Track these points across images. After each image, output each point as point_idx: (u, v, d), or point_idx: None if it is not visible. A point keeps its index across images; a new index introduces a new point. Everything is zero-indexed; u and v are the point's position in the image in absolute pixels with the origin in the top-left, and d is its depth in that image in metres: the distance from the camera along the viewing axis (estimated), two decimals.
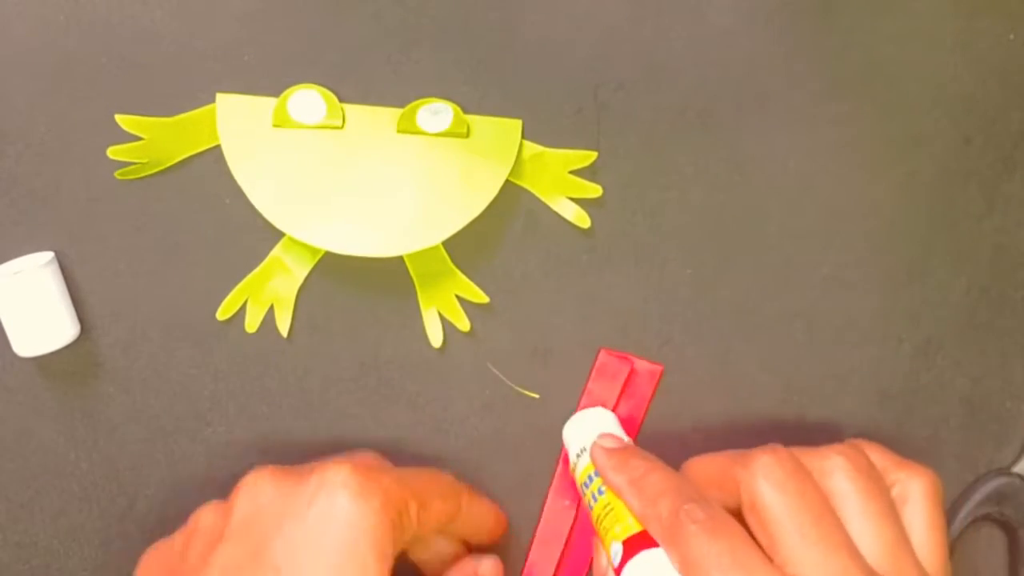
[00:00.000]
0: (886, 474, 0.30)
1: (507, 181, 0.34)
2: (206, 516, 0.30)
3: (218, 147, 0.34)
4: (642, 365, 0.36)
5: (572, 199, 0.35)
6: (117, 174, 0.34)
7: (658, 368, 0.36)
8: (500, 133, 0.34)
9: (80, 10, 0.34)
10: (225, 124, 0.34)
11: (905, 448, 0.36)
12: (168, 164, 0.34)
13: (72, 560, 0.35)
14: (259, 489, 0.29)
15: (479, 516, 0.34)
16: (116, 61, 0.34)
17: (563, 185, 0.35)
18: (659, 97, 0.35)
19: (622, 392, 0.36)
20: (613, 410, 0.36)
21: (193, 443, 0.35)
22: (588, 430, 0.34)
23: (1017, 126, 0.36)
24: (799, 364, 0.36)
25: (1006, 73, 0.35)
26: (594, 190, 0.35)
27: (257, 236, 0.35)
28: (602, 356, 0.36)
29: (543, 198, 0.35)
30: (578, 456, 0.34)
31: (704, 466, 0.31)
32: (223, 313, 0.35)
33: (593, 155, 0.35)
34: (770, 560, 0.27)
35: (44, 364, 0.35)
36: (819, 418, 0.36)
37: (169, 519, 0.35)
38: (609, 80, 0.35)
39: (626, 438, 0.34)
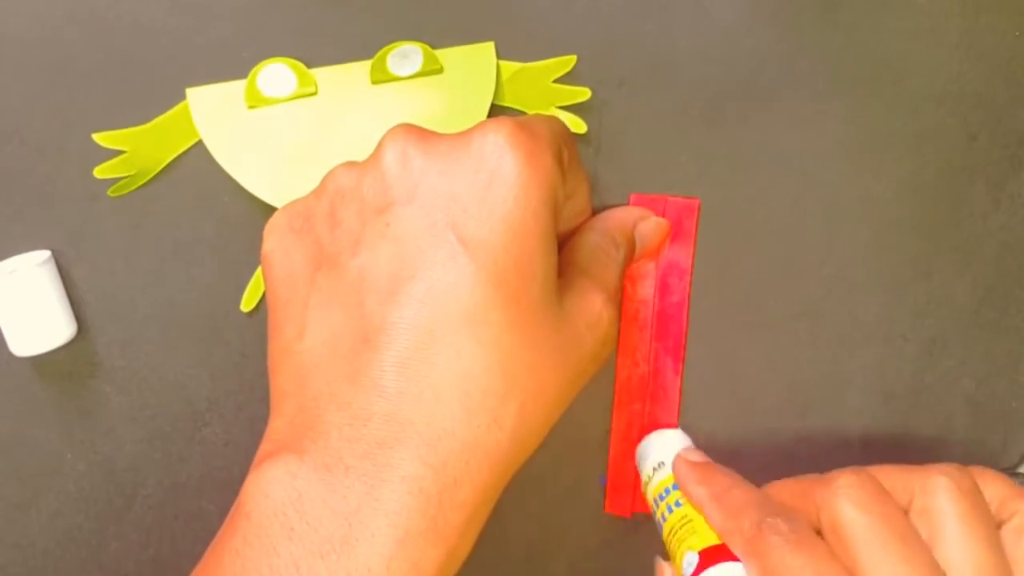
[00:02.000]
0: (1005, 504, 0.28)
1: (493, 105, 0.34)
2: (342, 177, 0.29)
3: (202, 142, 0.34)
4: (677, 201, 0.35)
5: (563, 108, 0.35)
6: (110, 192, 0.34)
7: (694, 201, 0.35)
8: (474, 59, 0.34)
9: (77, 7, 0.33)
10: (201, 117, 0.34)
11: (910, 449, 0.36)
12: (156, 171, 0.34)
13: (69, 562, 0.35)
14: (408, 156, 0.28)
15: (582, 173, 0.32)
16: (114, 58, 0.34)
17: (550, 96, 0.34)
18: (662, 94, 0.35)
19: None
20: (659, 254, 0.35)
21: (191, 444, 0.35)
22: (668, 446, 0.33)
23: (1023, 123, 0.36)
24: (803, 363, 0.36)
25: (1012, 70, 0.35)
26: (583, 93, 0.34)
27: (255, 232, 0.34)
28: (633, 200, 0.35)
29: (533, 113, 0.35)
30: (655, 469, 0.33)
31: (783, 488, 0.30)
32: (247, 304, 0.35)
33: (573, 59, 0.34)
34: None
35: (41, 364, 0.35)
36: (823, 418, 0.36)
37: (167, 520, 0.35)
38: (611, 77, 0.35)
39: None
